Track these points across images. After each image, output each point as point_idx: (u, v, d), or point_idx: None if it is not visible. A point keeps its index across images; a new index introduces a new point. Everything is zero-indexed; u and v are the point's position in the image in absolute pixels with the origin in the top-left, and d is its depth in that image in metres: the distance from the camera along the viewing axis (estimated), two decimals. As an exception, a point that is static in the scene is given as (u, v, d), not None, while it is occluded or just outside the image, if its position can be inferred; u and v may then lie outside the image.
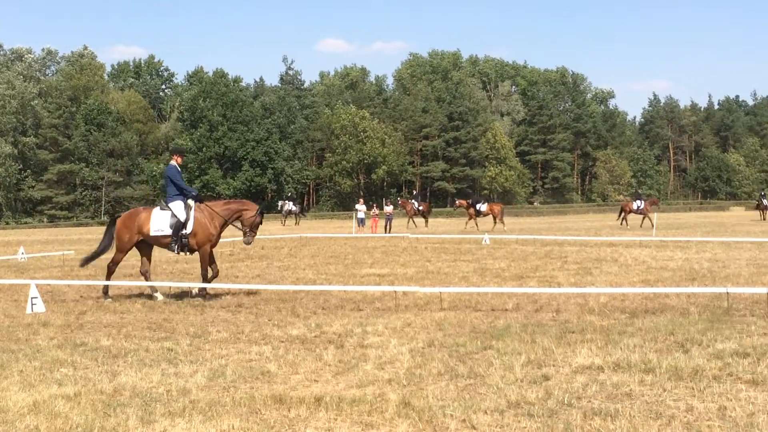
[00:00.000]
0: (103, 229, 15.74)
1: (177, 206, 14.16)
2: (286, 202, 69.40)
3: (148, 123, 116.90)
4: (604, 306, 11.79)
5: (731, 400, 6.42)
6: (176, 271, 19.42)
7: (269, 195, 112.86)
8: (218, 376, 7.71)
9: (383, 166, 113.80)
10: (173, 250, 14.25)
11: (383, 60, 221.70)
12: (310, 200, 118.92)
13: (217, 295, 14.08)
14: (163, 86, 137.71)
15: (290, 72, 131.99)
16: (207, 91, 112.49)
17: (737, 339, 8.91)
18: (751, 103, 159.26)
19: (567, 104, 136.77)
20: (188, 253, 14.47)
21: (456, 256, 22.46)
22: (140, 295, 14.48)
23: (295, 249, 26.87)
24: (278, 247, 27.91)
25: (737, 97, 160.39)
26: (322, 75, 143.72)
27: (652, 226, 37.73)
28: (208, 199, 15.20)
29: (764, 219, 54.78)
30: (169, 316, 11.85)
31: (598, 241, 28.19)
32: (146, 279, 14.43)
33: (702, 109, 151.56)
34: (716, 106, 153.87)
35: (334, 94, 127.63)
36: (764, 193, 60.16)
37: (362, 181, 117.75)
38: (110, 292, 14.23)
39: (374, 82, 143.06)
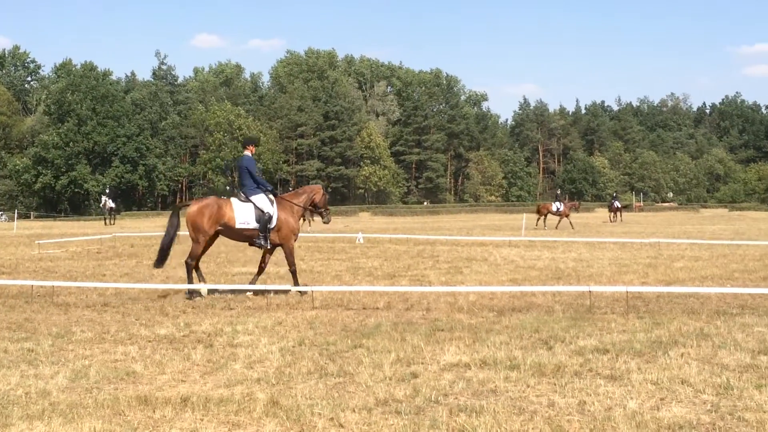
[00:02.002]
0: None
1: (260, 199, 13.79)
2: (107, 198, 57.23)
3: (12, 116, 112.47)
4: (473, 304, 12.01)
5: (591, 395, 6.64)
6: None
7: (140, 192, 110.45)
8: (81, 377, 7.49)
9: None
10: (259, 245, 13.83)
11: (259, 57, 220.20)
12: (183, 198, 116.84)
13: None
14: (29, 78, 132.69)
15: (163, 67, 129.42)
16: (76, 84, 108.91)
17: (598, 336, 9.22)
18: (615, 108, 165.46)
19: (441, 106, 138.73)
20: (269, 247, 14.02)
21: (329, 255, 22.47)
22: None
23: (165, 247, 26.30)
24: (149, 245, 27.29)
25: (603, 102, 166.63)
26: (196, 71, 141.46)
27: (572, 227, 39.31)
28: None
29: (614, 221, 56.80)
30: (31, 316, 11.42)
31: (470, 240, 28.69)
32: (194, 271, 13.75)
33: (570, 113, 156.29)
34: (583, 111, 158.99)
35: (209, 91, 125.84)
36: (616, 196, 63.11)
37: (236, 178, 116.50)
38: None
39: (249, 79, 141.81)
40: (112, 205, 57.46)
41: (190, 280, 13.51)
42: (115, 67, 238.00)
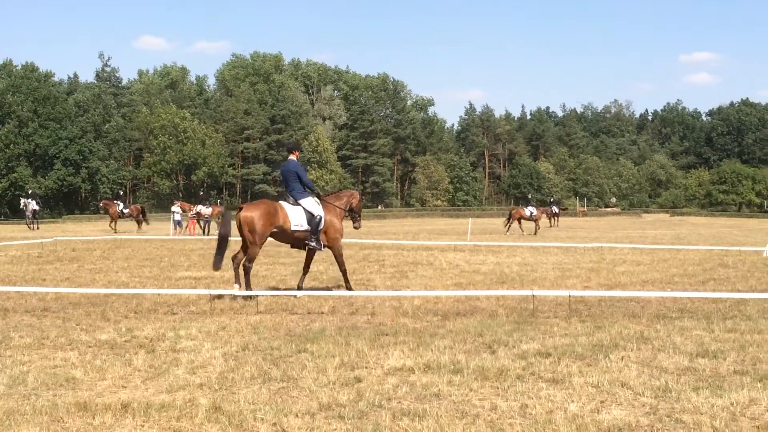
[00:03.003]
0: None
1: (310, 202, 14.00)
2: (29, 201, 52.53)
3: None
4: (417, 309, 12.05)
5: (532, 398, 6.70)
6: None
7: (83, 195, 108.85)
8: (18, 383, 7.36)
9: (203, 168, 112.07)
10: (313, 247, 14.05)
11: (204, 60, 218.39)
12: (127, 201, 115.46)
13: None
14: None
15: (107, 69, 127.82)
16: (16, 85, 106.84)
17: (540, 340, 9.31)
18: (560, 114, 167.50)
19: (388, 110, 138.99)
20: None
21: (275, 259, 22.36)
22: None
23: (108, 251, 25.98)
24: (90, 249, 26.91)
25: (548, 108, 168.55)
26: (140, 73, 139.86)
27: (535, 233, 39.76)
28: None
29: (551, 225, 57.06)
30: (-32, 322, 11.19)
31: (415, 245, 28.77)
32: (247, 271, 13.68)
33: (515, 119, 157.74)
34: (528, 117, 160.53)
35: (154, 93, 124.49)
36: (553, 201, 63.74)
37: (181, 182, 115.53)
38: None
39: (195, 82, 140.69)
40: (36, 207, 53.24)
41: (248, 284, 13.55)
42: (57, 68, 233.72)
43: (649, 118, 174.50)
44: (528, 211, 44.05)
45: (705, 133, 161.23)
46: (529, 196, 57.90)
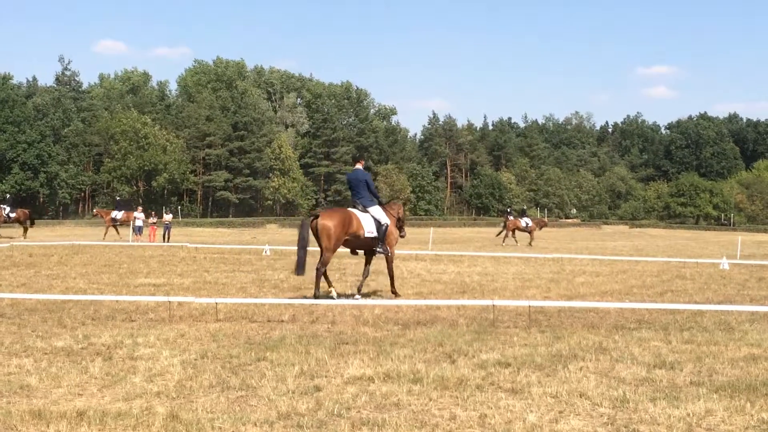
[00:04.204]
0: None
1: (377, 210, 14.95)
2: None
3: None
4: (378, 317, 12.04)
5: (492, 408, 6.72)
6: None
7: (41, 200, 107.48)
8: (-29, 391, 7.23)
9: (164, 174, 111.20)
10: (380, 252, 15.04)
11: (165, 65, 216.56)
12: (86, 207, 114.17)
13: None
14: None
15: (67, 72, 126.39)
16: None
17: (500, 349, 9.34)
18: (522, 125, 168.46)
19: (350, 118, 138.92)
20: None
21: (235, 266, 22.26)
22: None
23: (66, 257, 25.67)
24: (48, 255, 26.59)
25: (510, 119, 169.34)
26: (101, 77, 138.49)
27: (530, 244, 40.08)
28: None
29: (509, 236, 56.86)
30: None
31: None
32: (322, 275, 14.13)
33: (478, 129, 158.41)
34: (490, 127, 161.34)
35: (114, 98, 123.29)
36: (510, 211, 63.91)
37: (142, 188, 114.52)
38: None
39: (157, 87, 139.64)
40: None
41: (317, 287, 14.01)
42: (16, 71, 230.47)
43: (610, 130, 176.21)
44: (524, 222, 44.05)
45: (664, 146, 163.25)
46: (524, 207, 58.01)
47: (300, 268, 14.23)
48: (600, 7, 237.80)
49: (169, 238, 41.63)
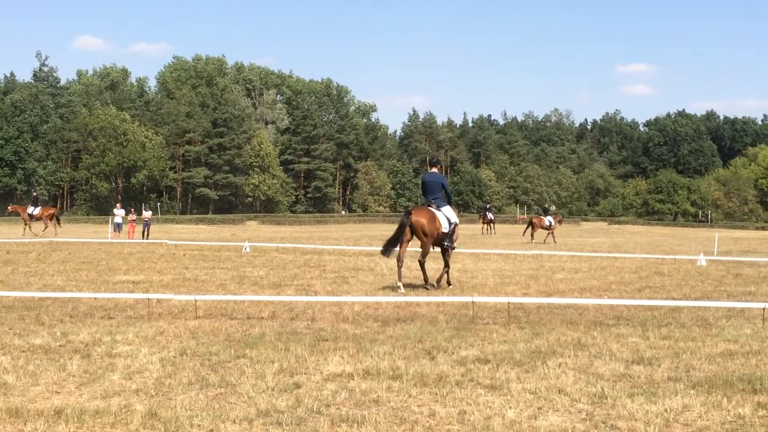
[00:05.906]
0: None
1: (449, 210, 16.35)
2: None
3: None
4: (358, 314, 12.03)
5: (471, 405, 6.73)
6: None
7: (18, 197, 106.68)
8: (-52, 389, 7.17)
9: (144, 171, 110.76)
10: (449, 247, 16.47)
11: (144, 61, 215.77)
12: (65, 203, 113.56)
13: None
14: None
15: (44, 68, 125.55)
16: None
17: (480, 346, 9.36)
18: (501, 122, 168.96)
19: (331, 115, 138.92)
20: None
21: (215, 263, 22.20)
22: None
23: (44, 254, 25.52)
24: (26, 252, 26.42)
25: (489, 116, 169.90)
26: (80, 74, 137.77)
27: (554, 241, 40.26)
28: None
29: (486, 233, 56.98)
30: None
31: (356, 250, 28.77)
32: (401, 266, 15.97)
33: (457, 126, 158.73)
34: (470, 124, 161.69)
35: (93, 94, 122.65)
36: (489, 207, 63.96)
37: (121, 185, 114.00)
38: None
39: (136, 83, 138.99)
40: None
41: (425, 275, 16.17)
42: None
43: (589, 127, 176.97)
44: (547, 221, 43.90)
45: (642, 143, 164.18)
46: (547, 206, 58.06)
47: (386, 251, 16.22)
48: (580, 5, 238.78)
49: (148, 235, 41.49)
